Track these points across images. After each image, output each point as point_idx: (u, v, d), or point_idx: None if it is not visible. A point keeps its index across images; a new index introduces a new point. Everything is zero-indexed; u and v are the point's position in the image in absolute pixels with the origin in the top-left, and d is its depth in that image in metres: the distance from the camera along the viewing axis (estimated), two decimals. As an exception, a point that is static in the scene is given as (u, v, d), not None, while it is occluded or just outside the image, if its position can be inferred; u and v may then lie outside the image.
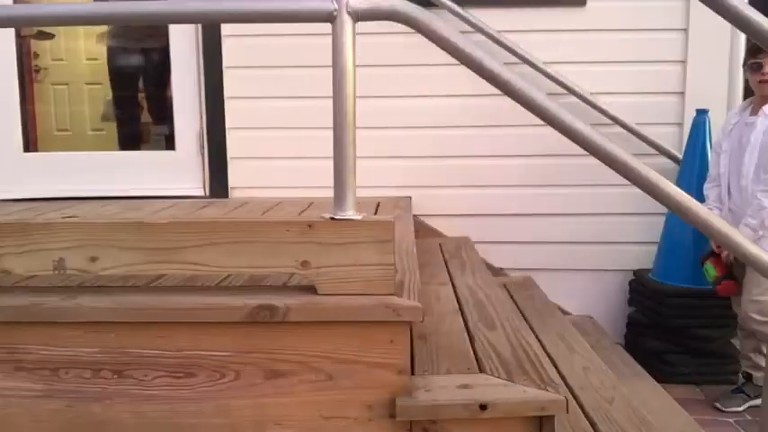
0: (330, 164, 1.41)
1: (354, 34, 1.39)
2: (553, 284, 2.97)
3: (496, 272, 3.03)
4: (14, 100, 3.37)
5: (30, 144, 3.52)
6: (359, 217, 1.39)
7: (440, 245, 2.93)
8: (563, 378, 1.98)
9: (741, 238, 1.46)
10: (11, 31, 3.32)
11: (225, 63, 3.14)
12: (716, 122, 2.94)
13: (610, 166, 1.46)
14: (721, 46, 3.04)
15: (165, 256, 1.41)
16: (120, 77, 4.42)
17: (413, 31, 1.43)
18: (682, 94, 3.09)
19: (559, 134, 1.46)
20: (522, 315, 2.50)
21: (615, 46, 3.08)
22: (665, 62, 3.08)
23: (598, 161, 1.46)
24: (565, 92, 2.98)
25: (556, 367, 2.06)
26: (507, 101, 1.47)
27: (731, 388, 2.58)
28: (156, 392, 1.41)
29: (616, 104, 3.03)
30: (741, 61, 3.04)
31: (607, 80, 3.07)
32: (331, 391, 1.40)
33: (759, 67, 2.54)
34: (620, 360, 2.60)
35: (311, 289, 1.42)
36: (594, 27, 3.08)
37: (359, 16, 1.38)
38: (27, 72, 3.64)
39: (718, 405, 2.53)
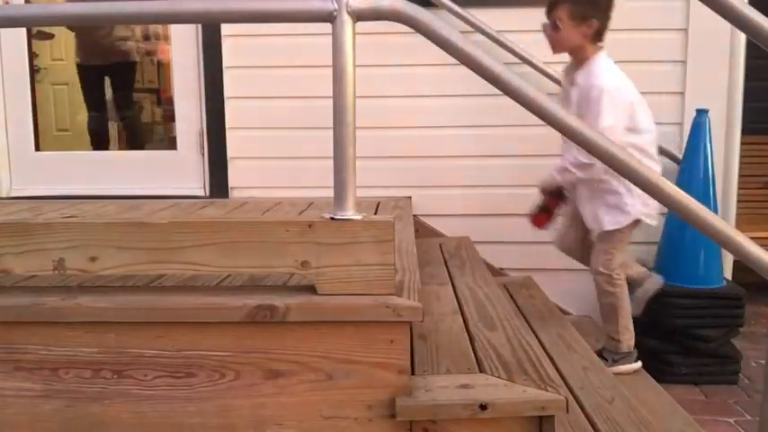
0: (330, 164, 1.41)
1: (354, 34, 1.39)
2: (553, 284, 2.97)
3: (496, 272, 3.03)
4: (27, 100, 3.37)
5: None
6: (359, 217, 1.39)
7: (440, 245, 2.93)
8: (563, 378, 1.98)
9: (742, 237, 1.46)
10: (23, 32, 3.31)
11: (225, 63, 3.14)
12: (716, 122, 2.94)
13: (610, 166, 1.46)
14: (721, 46, 3.04)
15: (165, 256, 1.41)
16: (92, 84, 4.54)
17: (413, 31, 1.43)
18: (682, 94, 3.08)
19: (560, 134, 1.46)
20: (522, 315, 2.51)
21: (615, 46, 3.07)
22: (664, 62, 3.08)
23: (598, 161, 1.46)
24: (565, 92, 2.98)
25: (556, 367, 2.06)
26: (507, 101, 1.47)
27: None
28: (156, 392, 1.41)
29: (616, 104, 3.03)
30: (741, 61, 3.05)
31: (607, 80, 3.07)
32: (331, 391, 1.40)
33: (543, 28, 2.39)
34: (620, 360, 2.60)
35: (311, 289, 1.42)
36: (594, 27, 3.07)
37: (359, 16, 1.38)
38: (27, 72, 3.61)
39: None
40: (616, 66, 2.40)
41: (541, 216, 2.60)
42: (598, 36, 2.36)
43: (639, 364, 2.54)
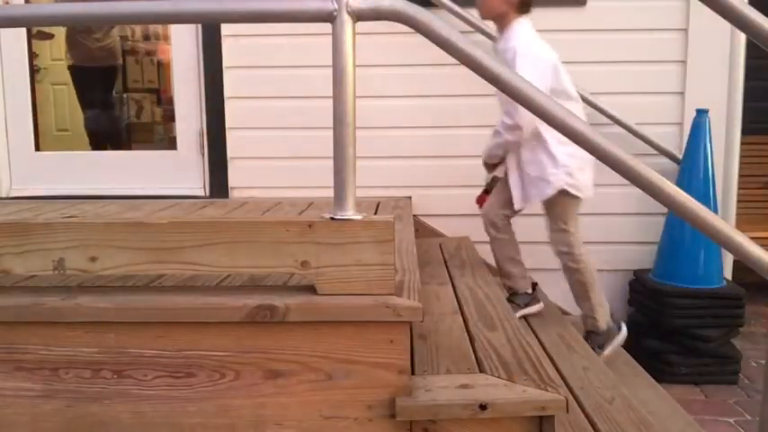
0: (330, 164, 1.41)
1: (354, 34, 1.39)
2: (553, 284, 2.97)
3: (496, 272, 3.03)
4: (27, 100, 3.37)
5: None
6: (359, 217, 1.39)
7: (440, 245, 2.93)
8: (563, 378, 1.98)
9: (742, 237, 1.46)
10: (23, 32, 3.31)
11: (225, 63, 3.14)
12: (716, 122, 2.94)
13: (610, 166, 1.46)
14: (721, 46, 3.04)
15: (165, 256, 1.41)
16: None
17: (413, 31, 1.43)
18: (682, 94, 3.09)
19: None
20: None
21: (615, 46, 3.08)
22: (665, 62, 3.08)
23: (598, 161, 1.46)
24: (565, 92, 2.98)
25: (556, 367, 2.06)
26: (507, 101, 1.47)
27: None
28: (156, 392, 1.41)
29: (616, 104, 3.03)
30: (741, 61, 3.05)
31: (607, 80, 3.07)
32: (331, 391, 1.40)
33: None
34: (620, 360, 2.60)
35: (311, 289, 1.42)
36: (594, 27, 3.08)
37: (359, 16, 1.38)
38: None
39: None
40: (537, 33, 2.40)
41: (484, 197, 2.67)
42: (524, 6, 2.37)
43: (624, 331, 2.54)
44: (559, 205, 2.44)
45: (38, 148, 3.42)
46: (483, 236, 3.10)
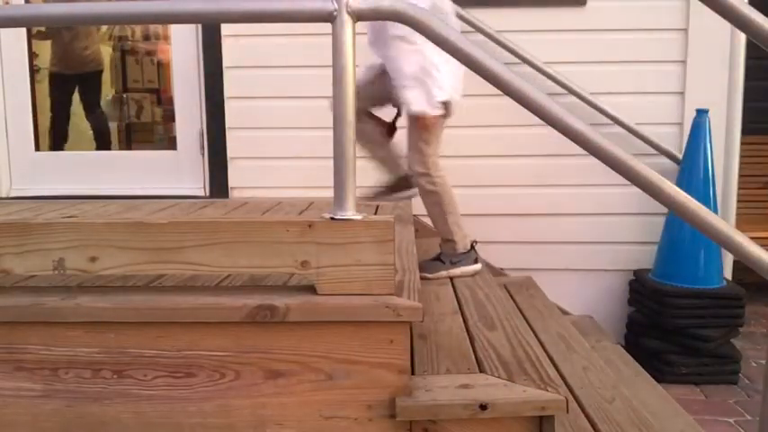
0: (330, 164, 1.41)
1: (354, 34, 1.39)
2: (553, 284, 2.97)
3: (496, 272, 3.03)
4: (27, 100, 3.37)
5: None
6: (359, 217, 1.39)
7: (440, 245, 2.92)
8: (563, 378, 1.98)
9: (742, 237, 1.46)
10: (23, 32, 3.31)
11: (225, 63, 3.14)
12: (716, 122, 2.94)
13: (610, 166, 1.46)
14: (721, 46, 3.04)
15: (165, 256, 1.41)
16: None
17: (413, 31, 1.43)
18: (682, 94, 3.09)
19: (559, 134, 1.46)
20: (522, 315, 2.50)
21: (615, 46, 3.08)
22: (665, 62, 3.08)
23: (598, 161, 1.46)
24: (565, 92, 2.98)
25: (556, 367, 2.06)
26: (507, 101, 1.47)
27: (432, 257, 2.50)
28: (156, 392, 1.41)
29: (616, 104, 3.03)
30: (741, 61, 3.05)
31: (607, 80, 3.07)
32: (331, 392, 1.40)
33: None
34: (620, 360, 2.60)
35: (311, 289, 1.42)
36: (594, 27, 3.08)
37: (359, 16, 1.38)
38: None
39: (425, 275, 2.38)
40: None
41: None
42: None
43: (479, 266, 2.49)
44: (429, 122, 2.36)
45: (38, 148, 3.42)
46: (483, 236, 3.11)
